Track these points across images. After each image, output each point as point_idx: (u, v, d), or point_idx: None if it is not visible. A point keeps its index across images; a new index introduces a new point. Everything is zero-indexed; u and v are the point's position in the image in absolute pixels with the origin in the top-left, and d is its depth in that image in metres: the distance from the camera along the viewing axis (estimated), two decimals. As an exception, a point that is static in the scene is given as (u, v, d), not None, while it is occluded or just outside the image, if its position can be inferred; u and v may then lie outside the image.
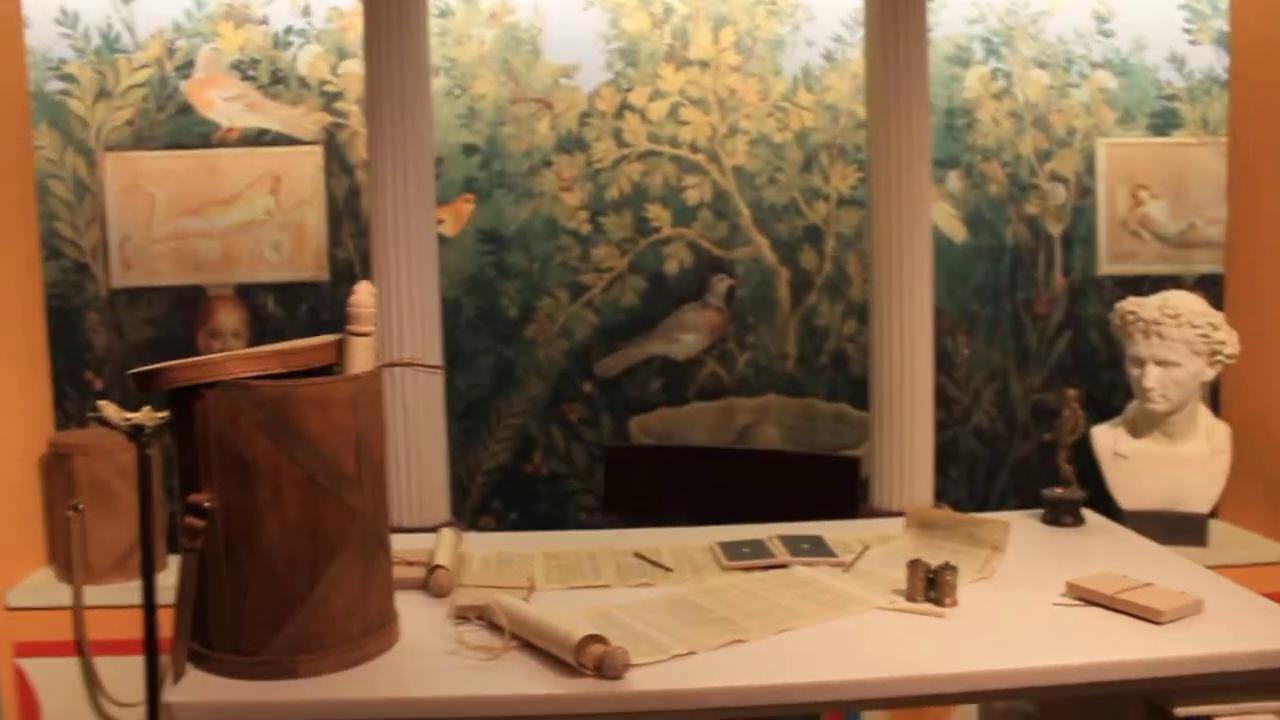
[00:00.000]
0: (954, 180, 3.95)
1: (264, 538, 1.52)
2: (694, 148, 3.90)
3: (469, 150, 3.84)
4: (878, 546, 2.24)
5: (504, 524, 3.92)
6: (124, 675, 3.12)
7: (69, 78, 3.72)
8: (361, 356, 1.55)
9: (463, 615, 1.81)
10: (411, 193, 3.10)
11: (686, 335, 3.95)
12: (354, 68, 3.76)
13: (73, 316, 3.70)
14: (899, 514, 2.48)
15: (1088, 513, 2.50)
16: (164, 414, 1.98)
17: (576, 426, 3.96)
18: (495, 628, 1.72)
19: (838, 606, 1.91)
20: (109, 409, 2.00)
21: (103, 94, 3.74)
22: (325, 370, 1.61)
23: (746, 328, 3.96)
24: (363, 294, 1.53)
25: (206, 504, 1.49)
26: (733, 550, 2.21)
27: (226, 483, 1.50)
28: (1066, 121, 3.97)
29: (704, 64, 3.90)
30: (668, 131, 3.89)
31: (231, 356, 1.46)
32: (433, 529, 2.39)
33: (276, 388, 1.47)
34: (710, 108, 3.91)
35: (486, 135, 3.86)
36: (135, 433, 2.02)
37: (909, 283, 3.32)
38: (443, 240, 3.55)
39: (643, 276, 3.93)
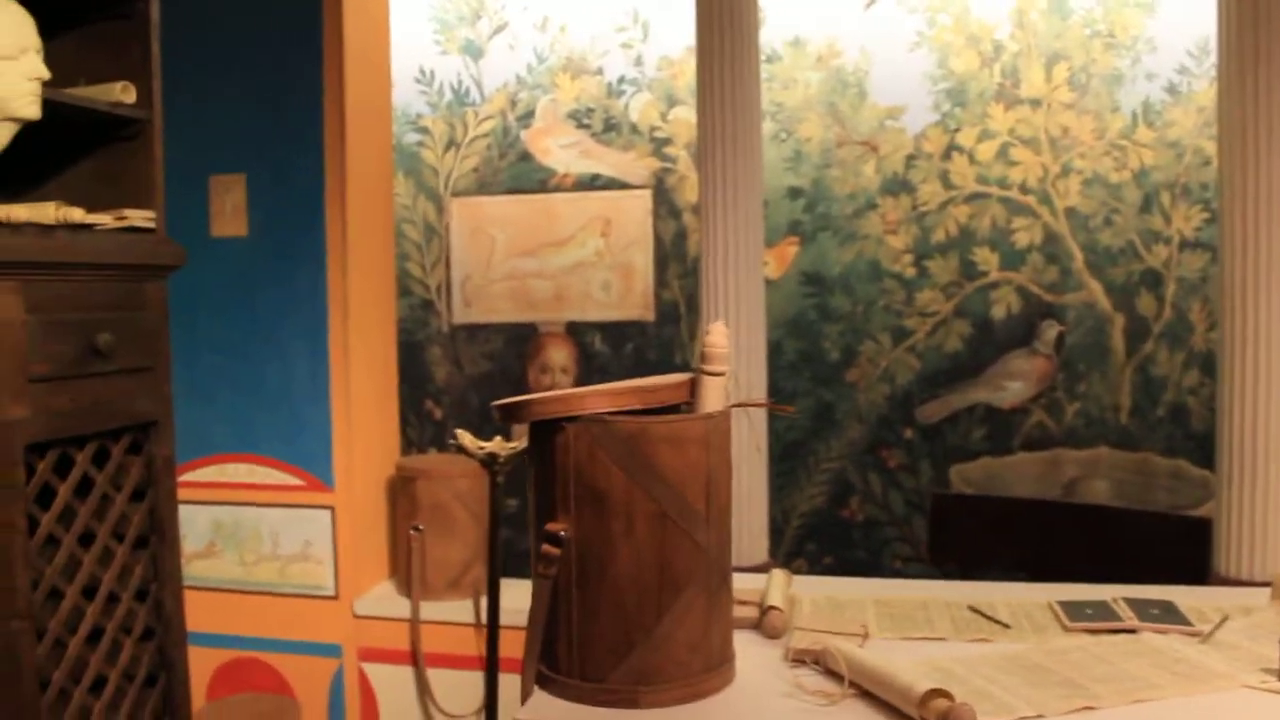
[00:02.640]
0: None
1: (615, 568, 1.56)
2: (1024, 189, 3.78)
3: (794, 193, 3.87)
4: (1239, 618, 2.06)
5: (817, 568, 3.89)
6: (453, 686, 3.29)
7: (424, 130, 4.02)
8: (714, 396, 1.57)
9: (799, 658, 1.80)
10: (741, 235, 3.15)
11: (1013, 383, 3.80)
12: (683, 114, 3.87)
13: (417, 350, 3.98)
14: (1252, 583, 2.28)
15: None
16: (514, 444, 2.09)
17: (895, 473, 3.89)
18: (832, 673, 1.70)
19: (1199, 680, 1.77)
20: (465, 437, 2.12)
21: (452, 144, 4.01)
22: (675, 408, 1.65)
23: (1077, 376, 3.78)
24: (717, 334, 1.56)
25: (563, 533, 1.56)
26: (1075, 610, 2.09)
27: (582, 513, 1.56)
28: None
29: (1035, 102, 3.77)
30: (996, 172, 3.79)
31: (591, 392, 1.52)
32: (753, 569, 2.39)
33: (633, 423, 1.52)
34: (1042, 147, 3.77)
35: (811, 178, 3.88)
36: (489, 460, 2.14)
37: (1265, 332, 3.06)
38: (766, 282, 3.57)
39: (968, 321, 3.82)
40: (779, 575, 2.17)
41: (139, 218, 2.68)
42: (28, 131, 2.29)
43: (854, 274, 3.86)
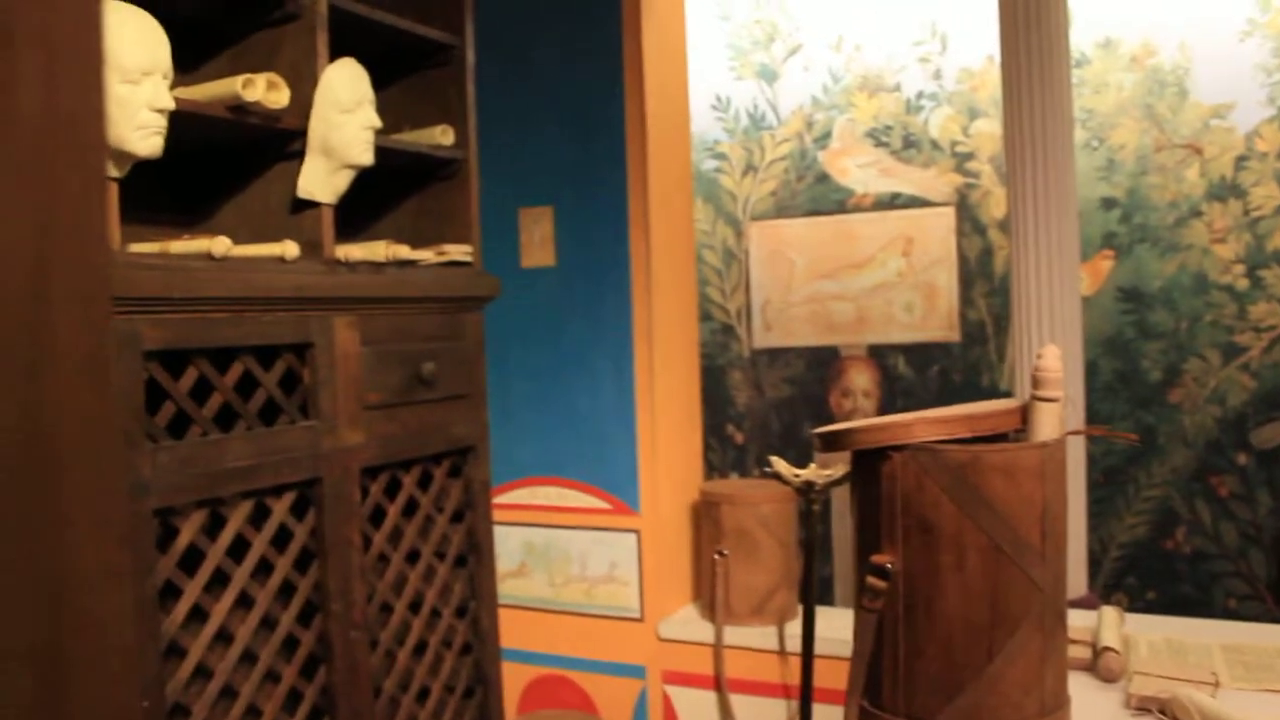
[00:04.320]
0: None
1: (944, 603, 1.49)
2: (1381, 190, 3.40)
3: (1108, 204, 3.64)
4: None
5: (1138, 603, 3.62)
6: (755, 712, 3.26)
7: (721, 156, 4.04)
8: (1049, 423, 1.47)
9: (1143, 706, 1.66)
10: (1054, 250, 2.98)
11: (1372, 406, 3.42)
12: (985, 127, 3.72)
13: (718, 374, 3.99)
14: None
15: None
16: (830, 472, 2.04)
17: (1227, 502, 3.58)
18: (1182, 726, 1.56)
19: None
20: (780, 464, 2.09)
21: (749, 168, 4.02)
22: (1003, 436, 1.55)
23: None
24: (1050, 358, 1.46)
25: (889, 565, 1.49)
26: None
27: (909, 545, 1.49)
28: None
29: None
30: (1347, 172, 3.43)
31: (918, 419, 1.45)
32: (1074, 603, 2.24)
33: (964, 452, 1.44)
34: (1403, 142, 3.39)
35: (1127, 187, 3.64)
36: (805, 488, 2.10)
37: None
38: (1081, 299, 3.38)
39: (1314, 337, 3.48)
40: (1111, 613, 2.02)
41: (458, 252, 2.82)
42: (360, 176, 2.45)
43: (1176, 287, 3.59)
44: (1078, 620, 2.06)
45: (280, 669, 2.38)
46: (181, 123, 2.12)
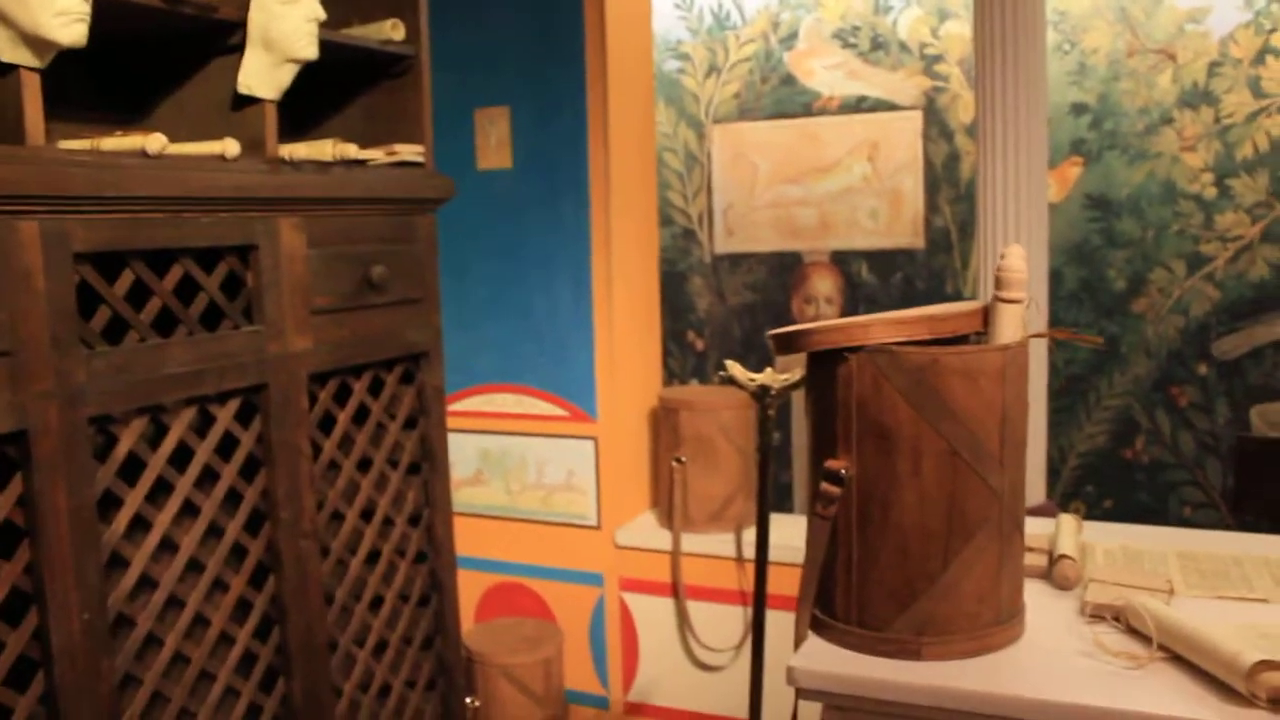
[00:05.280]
0: None
1: (899, 511, 1.45)
2: (1352, 96, 3.36)
3: (1078, 109, 3.58)
4: None
5: (1096, 512, 3.65)
6: (713, 620, 3.27)
7: (684, 56, 3.93)
8: (1011, 325, 1.43)
9: (1097, 614, 1.64)
10: (1022, 155, 2.92)
11: (1330, 315, 3.42)
12: (956, 29, 3.64)
13: (679, 280, 3.93)
14: None
15: None
16: (787, 376, 2.00)
17: (1186, 412, 3.58)
18: (1136, 633, 1.55)
19: None
20: (735, 369, 2.05)
21: (713, 70, 3.92)
22: (963, 339, 1.51)
23: None
24: (1014, 258, 1.41)
25: (844, 470, 1.45)
26: None
27: (864, 450, 1.45)
28: None
29: (1371, -4, 3.34)
30: (1319, 78, 3.38)
31: (876, 320, 1.40)
32: (1032, 511, 2.23)
33: (923, 355, 1.39)
34: (1375, 48, 3.33)
35: (1098, 92, 3.57)
36: (761, 393, 2.05)
37: None
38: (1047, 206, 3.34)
39: (1277, 246, 3.44)
40: (1069, 521, 2.00)
41: (409, 152, 2.72)
42: (305, 72, 2.34)
43: (1144, 196, 3.54)
44: (1035, 528, 2.04)
45: (228, 579, 2.34)
46: (110, 11, 2.01)
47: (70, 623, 1.93)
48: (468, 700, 3.20)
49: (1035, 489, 3.03)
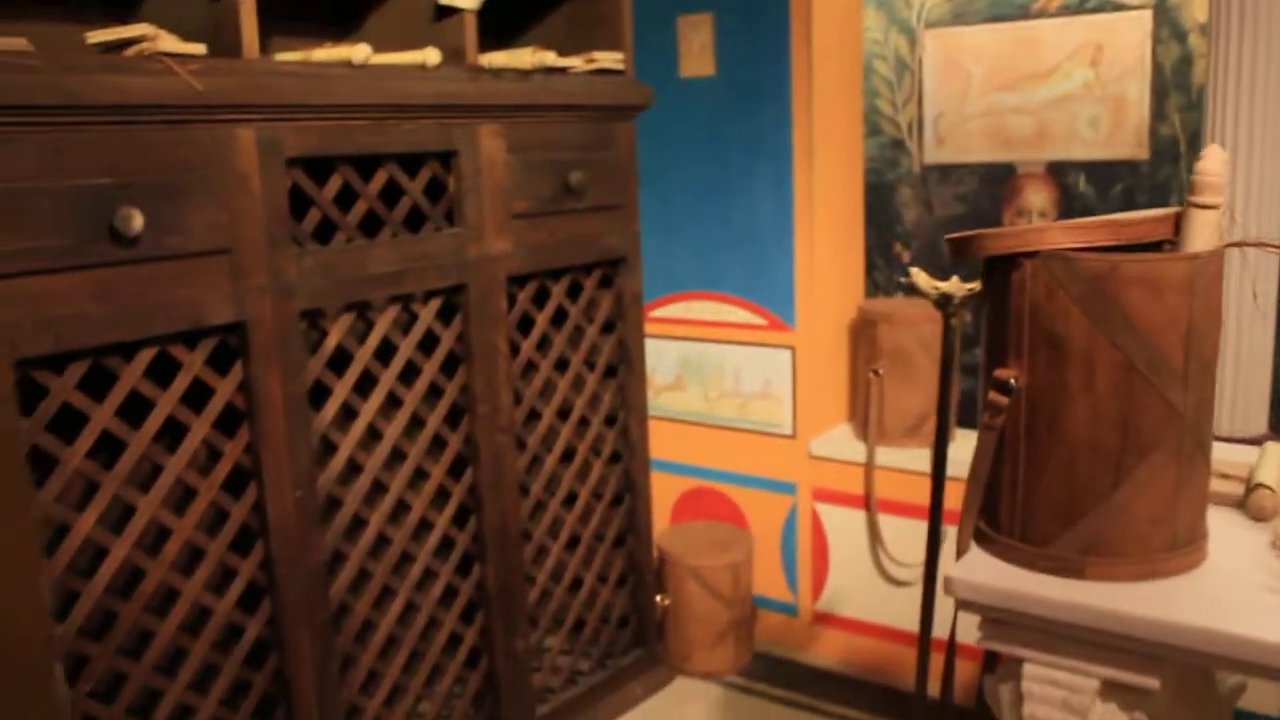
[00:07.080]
0: None
1: (1070, 424, 1.41)
2: None
3: (1330, 6, 3.27)
4: None
5: (1329, 445, 3.39)
6: (903, 535, 3.24)
7: (898, -43, 3.79)
8: (1205, 233, 1.35)
9: (1290, 545, 1.55)
10: (1259, 56, 2.70)
11: None
12: (1196, -81, 3.37)
13: (886, 191, 3.84)
14: None
15: None
16: (972, 284, 1.94)
17: None
18: (1331, 567, 1.46)
19: None
20: (920, 276, 2.01)
21: (928, -30, 3.76)
22: (1155, 247, 1.43)
23: None
24: (1212, 160, 1.32)
25: (1013, 380, 1.42)
26: None
27: (1036, 360, 1.41)
28: None
29: None
30: None
31: (1054, 226, 1.35)
32: (1247, 441, 2.10)
33: (1101, 262, 1.33)
34: None
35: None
36: (943, 301, 2.01)
37: None
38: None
39: None
40: (1274, 449, 1.89)
41: (609, 60, 2.75)
42: (506, -21, 2.39)
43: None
44: (1238, 455, 1.94)
45: (429, 468, 2.48)
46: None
47: (284, 499, 2.10)
48: (657, 598, 3.30)
49: (1256, 419, 2.85)
